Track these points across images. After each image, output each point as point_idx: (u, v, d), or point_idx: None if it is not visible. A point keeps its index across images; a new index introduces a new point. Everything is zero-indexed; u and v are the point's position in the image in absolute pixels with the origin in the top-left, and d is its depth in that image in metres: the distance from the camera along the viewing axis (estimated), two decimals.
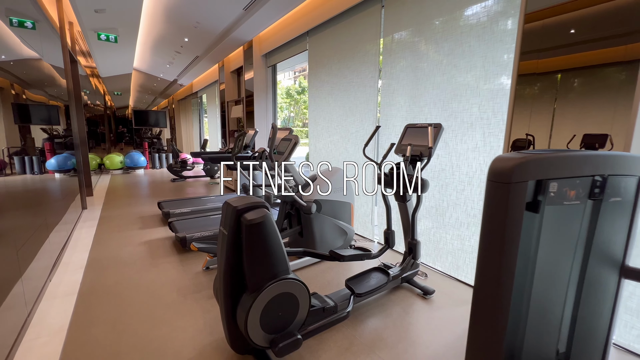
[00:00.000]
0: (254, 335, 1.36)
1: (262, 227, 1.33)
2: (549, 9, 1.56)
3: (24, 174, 2.73)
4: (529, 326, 0.92)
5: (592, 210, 0.90)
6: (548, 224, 0.86)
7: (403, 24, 2.66)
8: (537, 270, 0.88)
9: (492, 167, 0.85)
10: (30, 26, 3.13)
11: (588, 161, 0.86)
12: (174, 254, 2.83)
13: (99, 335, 1.71)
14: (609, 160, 0.89)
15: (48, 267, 2.48)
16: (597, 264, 0.96)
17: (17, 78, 2.66)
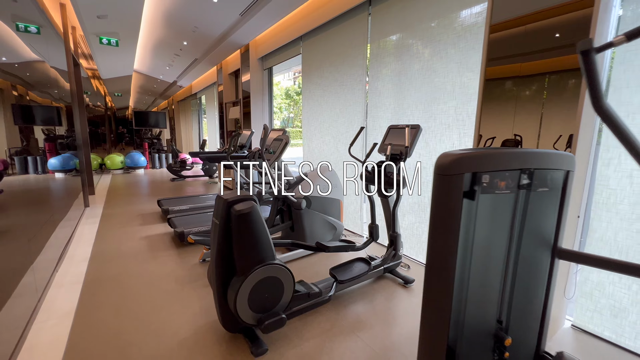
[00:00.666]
0: (242, 313, 1.53)
1: (250, 217, 1.49)
2: (509, 21, 1.73)
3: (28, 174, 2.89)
4: (471, 298, 1.08)
5: (523, 199, 1.07)
6: (483, 209, 1.03)
7: (388, 31, 2.83)
8: (476, 249, 1.05)
9: (437, 162, 1.01)
10: (34, 31, 3.31)
11: (515, 157, 1.02)
12: (173, 247, 2.99)
13: (103, 318, 1.88)
14: (535, 156, 1.05)
15: (54, 260, 2.65)
16: (530, 245, 1.13)
17: (22, 80, 2.82)
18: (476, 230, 1.03)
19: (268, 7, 3.75)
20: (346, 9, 3.22)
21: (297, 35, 4.14)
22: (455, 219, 1.00)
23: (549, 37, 1.59)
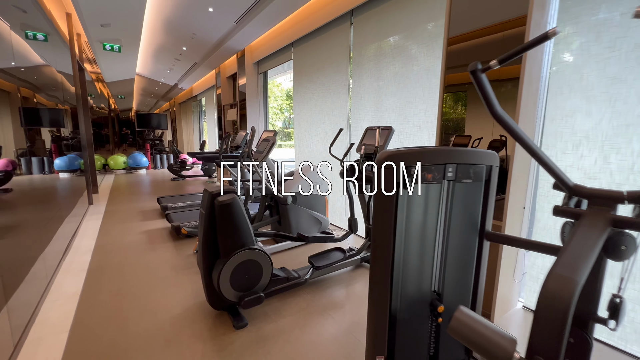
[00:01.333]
0: (225, 291, 1.76)
1: (231, 207, 1.73)
2: (463, 35, 1.95)
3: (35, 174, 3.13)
4: (409, 272, 1.30)
5: (448, 188, 1.29)
6: (415, 197, 1.25)
7: (367, 40, 3.06)
8: (411, 232, 1.27)
9: (376, 159, 1.24)
10: (42, 38, 3.57)
11: (440, 154, 1.25)
12: (170, 240, 3.23)
13: (105, 299, 2.12)
14: (457, 153, 1.28)
15: (61, 250, 2.89)
16: (459, 228, 1.35)
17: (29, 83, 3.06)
18: (410, 215, 1.26)
19: (261, 16, 4.00)
20: (331, 18, 3.45)
21: (289, 41, 4.38)
22: (391, 205, 1.22)
23: (494, 49, 1.82)
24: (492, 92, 1.06)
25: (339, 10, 3.31)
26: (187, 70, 7.59)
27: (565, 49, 1.72)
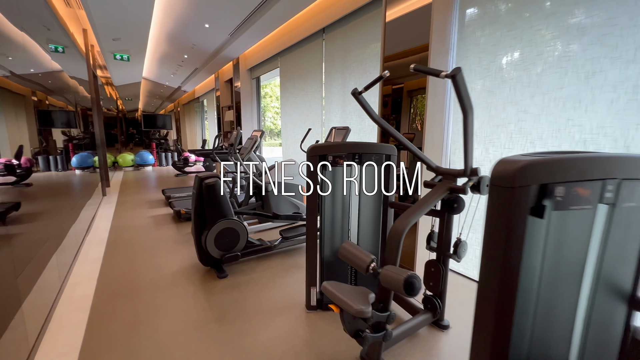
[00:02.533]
0: (211, 250, 2.38)
1: (214, 187, 2.34)
2: (393, 55, 2.53)
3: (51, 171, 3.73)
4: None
5: (359, 169, 1.88)
6: (330, 175, 1.85)
7: (335, 54, 3.65)
8: (335, 201, 1.87)
9: (307, 151, 1.84)
10: (61, 50, 4.21)
11: (347, 147, 1.84)
12: (172, 223, 3.87)
13: (121, 262, 2.75)
14: (361, 145, 1.87)
15: (84, 230, 3.54)
16: (368, 198, 1.94)
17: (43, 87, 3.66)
18: (331, 189, 1.85)
19: (250, 30, 4.61)
20: (308, 34, 4.04)
21: (276, 52, 4.98)
22: (316, 180, 1.82)
23: None
24: (369, 106, 1.66)
25: (314, 28, 3.90)
26: (189, 74, 8.24)
27: (471, 63, 2.30)
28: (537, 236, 0.81)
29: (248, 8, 3.96)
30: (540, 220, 0.79)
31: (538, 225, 0.80)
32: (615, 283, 0.93)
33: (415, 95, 2.40)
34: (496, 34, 2.07)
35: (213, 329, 1.79)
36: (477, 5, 2.15)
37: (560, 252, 0.85)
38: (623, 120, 1.56)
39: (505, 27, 2.01)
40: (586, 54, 1.66)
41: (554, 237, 0.83)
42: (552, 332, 0.91)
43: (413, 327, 1.69)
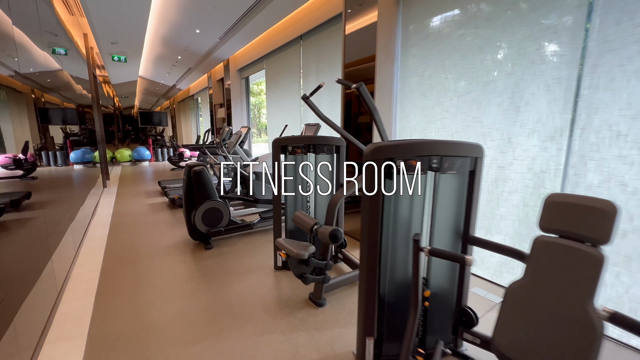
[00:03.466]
0: (199, 226, 2.87)
1: (201, 173, 2.83)
2: (351, 62, 3.02)
3: (51, 166, 4.21)
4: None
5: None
6: (291, 166, 2.33)
7: (311, 59, 4.13)
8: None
9: (272, 142, 2.32)
10: (63, 53, 4.64)
11: (302, 139, 2.32)
12: (167, 209, 4.35)
13: (123, 239, 3.23)
14: (315, 138, 2.35)
15: (89, 215, 4.02)
16: (321, 183, 2.43)
17: (41, 85, 4.13)
18: (292, 175, 2.35)
19: (238, 35, 5.06)
20: (289, 39, 4.51)
21: (262, 54, 5.45)
22: (277, 164, 2.31)
23: (366, 72, 2.89)
24: (317, 107, 2.15)
25: (292, 35, 4.37)
26: (183, 73, 8.66)
27: (403, 76, 2.80)
28: (390, 192, 1.32)
29: (235, 16, 4.42)
30: (390, 180, 1.30)
31: (389, 184, 1.32)
32: (448, 222, 1.44)
33: None
34: (426, 49, 2.56)
35: (199, 282, 2.29)
36: (414, 24, 2.64)
37: (406, 203, 1.37)
38: (506, 118, 2.06)
39: (433, 42, 2.50)
40: (483, 66, 2.16)
41: (402, 193, 1.34)
42: (408, 257, 1.42)
43: (351, 277, 2.20)
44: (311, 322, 1.82)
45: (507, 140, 2.07)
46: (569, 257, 0.96)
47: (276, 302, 2.02)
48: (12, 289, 1.48)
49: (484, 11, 2.15)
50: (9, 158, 2.12)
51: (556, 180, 1.85)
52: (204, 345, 1.62)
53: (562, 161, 1.82)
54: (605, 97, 1.60)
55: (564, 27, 1.76)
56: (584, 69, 1.68)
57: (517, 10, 1.97)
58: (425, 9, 2.53)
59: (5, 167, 1.99)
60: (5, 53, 2.01)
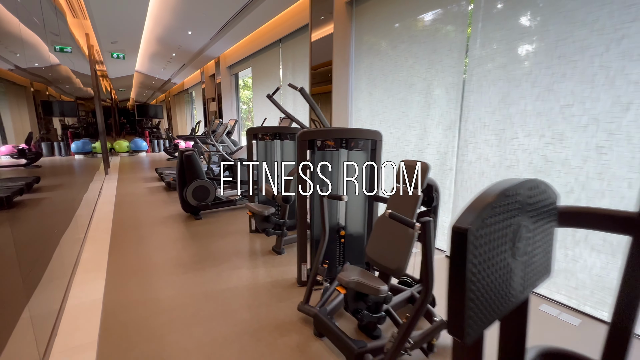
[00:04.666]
0: (190, 200, 3.50)
1: (191, 157, 3.45)
2: (316, 65, 3.63)
3: (53, 156, 4.80)
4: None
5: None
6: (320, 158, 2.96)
7: (288, 60, 4.73)
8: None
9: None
10: (69, 51, 5.18)
11: (272, 129, 2.94)
12: (163, 191, 4.97)
13: (127, 212, 3.86)
14: (281, 129, 2.97)
15: (95, 196, 4.63)
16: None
17: (46, 79, 4.71)
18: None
19: (227, 36, 5.63)
20: (271, 42, 5.10)
21: (249, 54, 6.02)
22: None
23: (326, 75, 3.51)
24: (281, 106, 2.77)
25: (273, 38, 4.96)
26: (177, 69, 9.19)
27: (356, 78, 3.42)
28: (316, 163, 1.98)
29: (222, 20, 4.99)
30: (313, 154, 1.95)
31: (315, 157, 1.96)
32: (358, 184, 2.08)
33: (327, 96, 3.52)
34: (371, 57, 3.18)
35: (189, 240, 2.94)
36: (364, 37, 3.26)
37: (327, 170, 2.02)
38: (422, 112, 2.70)
39: (376, 52, 3.13)
40: (409, 73, 2.80)
41: (322, 162, 1.99)
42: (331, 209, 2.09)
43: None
44: (270, 263, 2.47)
45: (423, 130, 2.71)
46: (404, 197, 1.61)
47: (247, 252, 2.68)
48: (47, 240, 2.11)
49: (407, 30, 2.78)
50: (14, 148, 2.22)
51: (452, 159, 2.51)
52: (190, 275, 2.27)
53: (456, 145, 2.47)
54: (477, 98, 2.25)
55: (455, 45, 2.40)
56: (466, 77, 2.32)
57: (428, 31, 2.60)
58: (370, 25, 3.15)
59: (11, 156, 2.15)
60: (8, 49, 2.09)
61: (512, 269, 0.62)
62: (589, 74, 1.68)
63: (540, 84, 1.89)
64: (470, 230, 0.49)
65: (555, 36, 1.81)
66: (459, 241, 0.50)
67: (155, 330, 1.66)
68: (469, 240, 0.49)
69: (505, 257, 0.60)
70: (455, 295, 0.51)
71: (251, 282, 2.18)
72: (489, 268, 0.55)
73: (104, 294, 2.02)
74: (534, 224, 0.67)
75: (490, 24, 2.13)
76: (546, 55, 1.86)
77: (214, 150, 4.85)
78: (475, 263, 0.51)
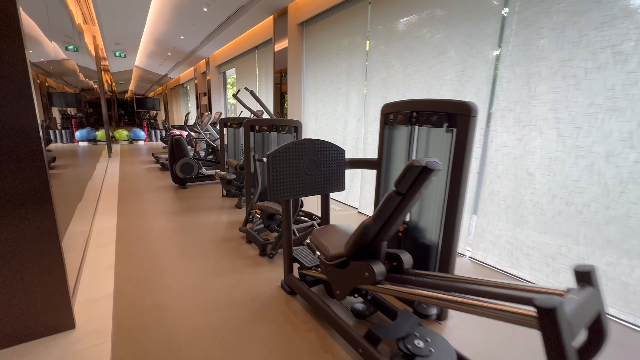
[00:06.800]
0: (178, 174, 4.56)
1: (179, 140, 4.49)
2: (278, 70, 4.66)
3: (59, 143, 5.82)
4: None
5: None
6: (260, 138, 4.00)
7: (262, 64, 5.75)
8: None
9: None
10: (76, 50, 6.16)
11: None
12: (159, 171, 6.02)
13: (129, 184, 4.91)
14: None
15: (102, 173, 5.67)
16: None
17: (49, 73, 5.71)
18: (263, 148, 4.02)
19: (215, 40, 6.63)
20: (250, 47, 6.11)
21: (234, 56, 7.02)
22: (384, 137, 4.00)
23: (286, 78, 4.54)
24: (244, 104, 3.82)
25: (251, 44, 5.97)
26: (173, 66, 10.16)
27: (306, 83, 4.45)
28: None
29: (209, 29, 5.99)
30: (254, 134, 3.03)
31: (256, 138, 3.03)
32: None
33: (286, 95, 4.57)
34: (314, 66, 4.22)
35: (175, 200, 3.99)
36: (311, 51, 4.29)
37: (265, 146, 3.09)
38: (344, 110, 3.75)
39: (318, 63, 4.16)
40: (337, 80, 3.84)
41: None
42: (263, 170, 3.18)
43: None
44: (232, 212, 3.54)
45: (345, 122, 3.77)
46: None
47: (217, 208, 3.74)
48: (73, 194, 3.16)
49: (336, 48, 3.81)
50: None
51: (361, 142, 3.56)
52: (175, 217, 3.33)
53: (362, 132, 3.53)
54: (370, 100, 3.30)
55: (362, 60, 3.44)
56: (366, 84, 3.37)
57: (347, 49, 3.63)
58: (316, 43, 4.18)
59: None
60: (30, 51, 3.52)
61: (303, 177, 1.69)
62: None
63: (399, 90, 2.95)
64: (273, 154, 1.55)
65: (405, 63, 2.86)
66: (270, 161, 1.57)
67: (150, 240, 2.73)
68: (270, 161, 1.56)
69: (299, 170, 1.67)
70: (272, 179, 1.59)
71: (215, 221, 3.24)
72: (285, 171, 1.62)
73: (116, 224, 3.08)
74: (321, 159, 1.74)
75: (375, 53, 3.17)
76: (401, 68, 2.91)
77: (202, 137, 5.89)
78: (279, 167, 1.58)
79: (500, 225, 2.27)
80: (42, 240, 1.42)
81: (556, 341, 0.71)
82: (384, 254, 1.42)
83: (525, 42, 2.02)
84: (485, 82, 2.28)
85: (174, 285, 1.98)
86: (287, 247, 1.90)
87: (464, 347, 1.51)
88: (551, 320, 0.71)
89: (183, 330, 1.57)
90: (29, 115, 1.34)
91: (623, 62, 1.63)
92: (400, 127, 1.85)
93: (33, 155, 1.38)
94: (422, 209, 1.75)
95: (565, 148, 1.88)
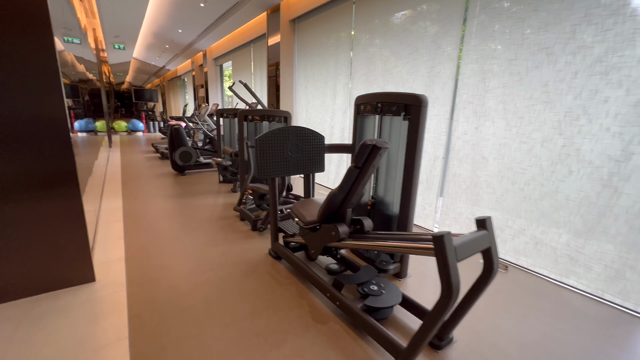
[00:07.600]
0: (177, 161, 4.85)
1: (178, 130, 4.78)
2: (271, 64, 4.92)
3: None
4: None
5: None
6: (253, 127, 4.29)
7: (257, 59, 6.00)
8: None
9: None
10: (78, 42, 6.39)
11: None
12: (158, 160, 6.30)
13: (131, 170, 5.20)
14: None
15: (105, 160, 5.95)
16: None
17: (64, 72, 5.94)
18: (252, 134, 4.31)
19: (212, 34, 6.86)
20: (245, 42, 6.35)
21: (230, 49, 7.25)
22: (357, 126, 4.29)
23: (278, 71, 4.81)
24: (236, 92, 4.11)
25: (247, 39, 6.21)
26: (170, 58, 10.34)
27: (297, 76, 4.73)
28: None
29: (206, 23, 6.21)
30: (247, 123, 3.34)
31: (248, 127, 3.34)
32: None
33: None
34: (304, 60, 4.49)
35: (175, 185, 4.30)
36: (302, 46, 4.56)
37: (253, 132, 3.40)
38: (332, 102, 4.04)
39: (309, 57, 4.44)
40: (327, 73, 4.12)
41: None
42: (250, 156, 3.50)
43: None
44: (229, 196, 3.85)
45: (333, 113, 4.06)
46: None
47: (214, 192, 4.05)
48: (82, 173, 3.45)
49: (325, 44, 4.09)
50: None
51: (348, 132, 3.87)
52: (175, 200, 3.64)
53: (348, 123, 3.83)
54: (355, 92, 3.59)
55: (347, 57, 3.72)
56: (351, 78, 3.66)
57: (335, 45, 3.91)
58: (307, 39, 4.45)
59: None
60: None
61: (287, 158, 2.01)
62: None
63: (379, 84, 3.25)
64: (260, 137, 1.86)
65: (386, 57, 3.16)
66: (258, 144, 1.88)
67: (154, 218, 3.04)
68: (258, 144, 1.87)
69: (283, 152, 1.98)
70: (259, 159, 1.91)
71: (212, 203, 3.56)
72: (271, 153, 1.93)
73: (122, 205, 3.39)
74: (303, 144, 2.05)
75: (359, 49, 3.46)
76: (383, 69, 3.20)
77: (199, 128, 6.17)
78: (265, 149, 1.90)
79: (461, 204, 2.60)
80: (71, 212, 1.73)
81: (444, 260, 1.04)
82: (349, 219, 1.74)
83: (482, 43, 2.32)
84: (450, 78, 2.58)
85: (176, 252, 2.30)
86: (274, 218, 2.22)
87: (415, 296, 1.85)
88: (440, 244, 1.03)
89: (185, 284, 1.89)
90: (58, 106, 1.64)
91: (554, 62, 1.94)
92: (369, 116, 2.16)
93: (63, 144, 1.68)
94: (386, 186, 2.08)
95: (512, 135, 2.20)
